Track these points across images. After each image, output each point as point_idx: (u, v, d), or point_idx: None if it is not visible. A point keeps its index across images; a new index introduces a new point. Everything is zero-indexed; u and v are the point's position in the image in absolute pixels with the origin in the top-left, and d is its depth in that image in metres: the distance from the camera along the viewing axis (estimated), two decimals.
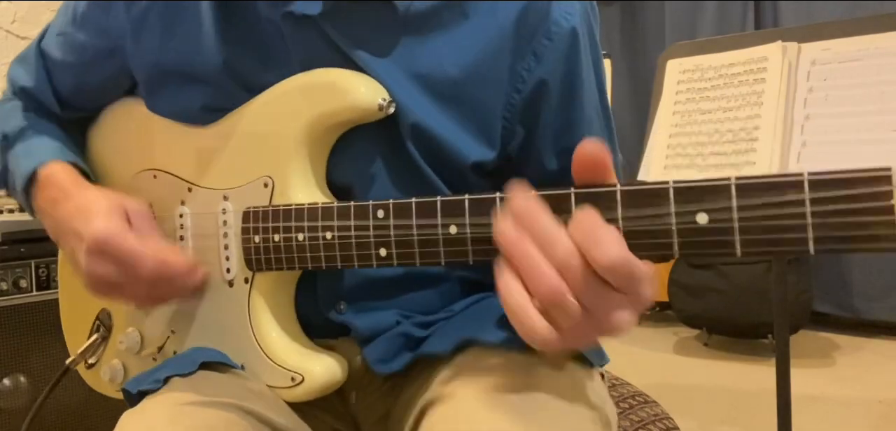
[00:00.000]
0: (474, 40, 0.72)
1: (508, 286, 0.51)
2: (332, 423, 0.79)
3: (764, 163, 1.43)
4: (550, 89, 0.72)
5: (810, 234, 0.47)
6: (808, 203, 0.47)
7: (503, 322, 0.70)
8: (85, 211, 0.73)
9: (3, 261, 1.46)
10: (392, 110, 0.70)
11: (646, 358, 3.10)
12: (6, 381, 1.45)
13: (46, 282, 1.50)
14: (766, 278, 2.83)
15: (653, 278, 0.51)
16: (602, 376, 0.79)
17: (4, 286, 1.45)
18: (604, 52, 0.84)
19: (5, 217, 1.53)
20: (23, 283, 1.47)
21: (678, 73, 1.64)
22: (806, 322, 3.00)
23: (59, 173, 0.80)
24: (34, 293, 1.48)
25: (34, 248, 1.49)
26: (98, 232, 0.70)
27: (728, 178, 0.49)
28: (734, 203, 0.49)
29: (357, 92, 0.70)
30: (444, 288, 0.79)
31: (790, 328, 1.92)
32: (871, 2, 2.51)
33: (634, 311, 0.51)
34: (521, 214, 0.52)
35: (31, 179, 0.81)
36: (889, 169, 0.45)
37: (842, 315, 3.25)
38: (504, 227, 0.52)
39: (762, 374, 2.75)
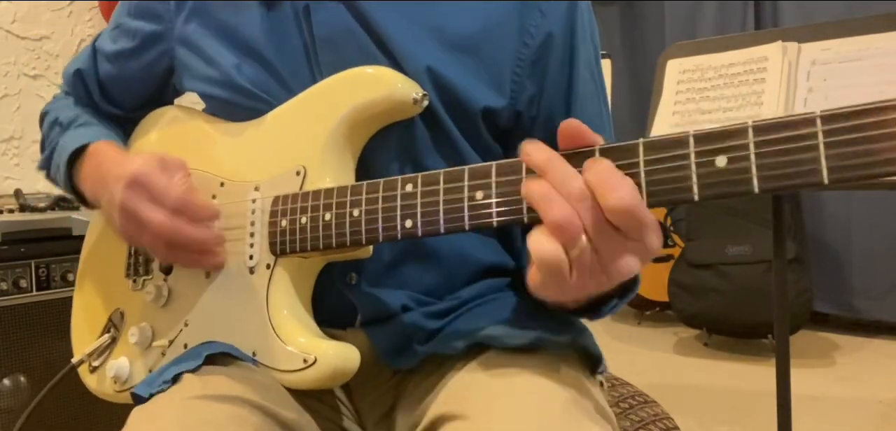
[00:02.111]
0: (485, 2, 0.78)
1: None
2: (340, 422, 0.80)
3: None
4: (555, 44, 0.79)
5: (823, 165, 0.49)
6: (820, 136, 0.49)
7: (515, 323, 0.72)
8: (126, 160, 0.80)
9: (3, 261, 1.45)
10: (426, 103, 0.74)
11: (646, 357, 3.10)
12: (6, 381, 1.44)
13: (46, 282, 1.49)
14: (766, 278, 2.83)
15: (657, 229, 0.55)
16: (601, 384, 0.81)
17: (4, 286, 1.45)
18: (604, 52, 0.89)
19: (5, 217, 1.53)
20: (23, 283, 1.47)
21: (678, 73, 1.64)
22: (806, 322, 2.99)
23: (105, 147, 0.88)
24: (34, 293, 1.48)
25: (34, 248, 1.48)
26: (134, 167, 0.76)
27: (745, 122, 0.52)
28: (752, 144, 0.51)
29: (394, 86, 0.73)
30: (454, 268, 0.80)
31: (790, 328, 1.92)
32: (872, 2, 2.50)
33: (641, 259, 0.55)
34: (541, 163, 0.57)
35: (80, 152, 0.89)
36: (894, 99, 0.47)
37: (842, 315, 3.25)
38: (528, 179, 0.58)
39: (762, 374, 2.75)
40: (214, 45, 0.84)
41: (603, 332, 3.42)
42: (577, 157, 0.57)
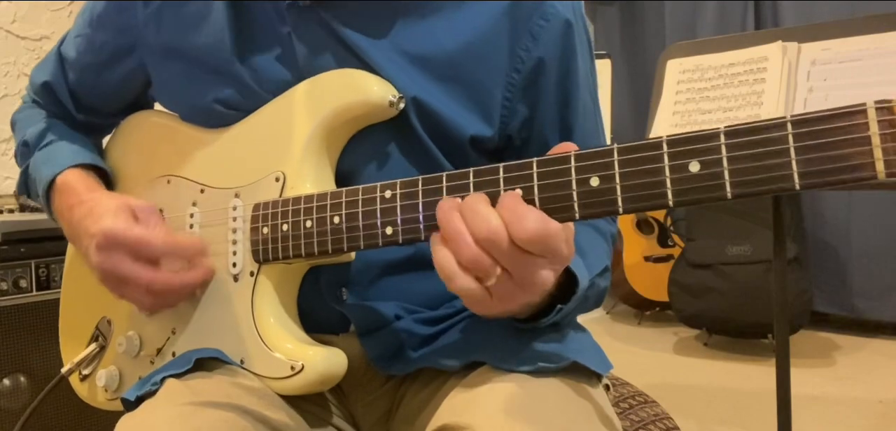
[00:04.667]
0: (469, 23, 0.75)
1: (436, 249, 0.59)
2: (331, 421, 0.79)
3: None
4: (549, 68, 0.76)
5: (795, 169, 0.50)
6: (791, 140, 0.50)
7: (512, 346, 0.71)
8: (95, 211, 0.77)
9: (3, 261, 1.45)
10: (402, 106, 0.73)
11: (646, 357, 3.10)
12: (6, 381, 1.44)
13: (46, 282, 1.49)
14: (766, 278, 2.83)
15: (569, 236, 0.59)
16: (607, 387, 0.79)
17: (4, 286, 1.45)
18: (604, 52, 0.88)
19: (5, 217, 1.53)
20: (23, 283, 1.47)
21: (678, 73, 1.64)
22: (806, 322, 2.99)
23: (74, 181, 0.85)
24: (34, 293, 1.48)
25: (34, 248, 1.48)
26: (105, 227, 0.74)
27: (717, 128, 0.52)
28: (724, 148, 0.52)
29: (369, 89, 0.73)
30: None
31: (790, 328, 1.92)
32: (872, 2, 2.50)
33: (554, 269, 0.60)
34: (452, 215, 0.59)
35: (50, 186, 0.86)
36: (865, 103, 0.48)
37: (842, 315, 3.24)
38: (442, 202, 0.60)
39: (762, 374, 2.75)
40: (189, 75, 0.81)
41: (603, 332, 3.44)
42: (557, 163, 0.58)
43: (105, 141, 0.98)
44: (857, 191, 3.05)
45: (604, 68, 2.91)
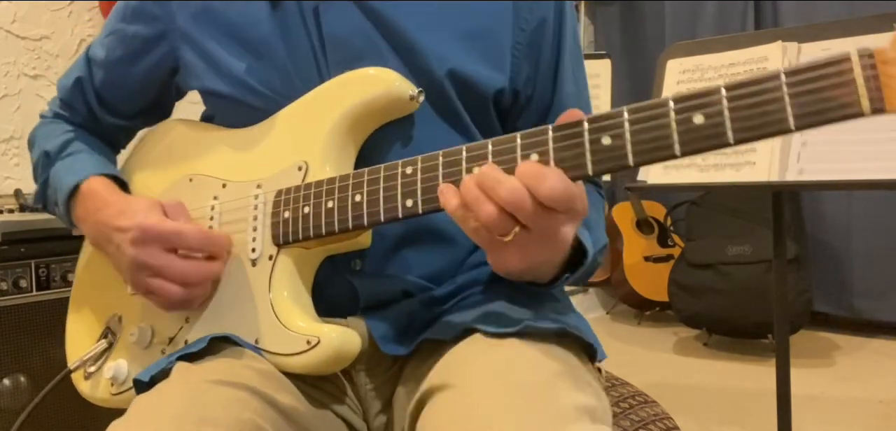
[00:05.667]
0: None
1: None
2: (339, 407, 0.81)
3: (764, 164, 1.43)
4: (548, 26, 0.85)
5: (790, 112, 0.55)
6: (784, 87, 0.55)
7: (503, 313, 0.75)
8: (127, 210, 0.81)
9: (3, 261, 1.45)
10: (422, 99, 0.77)
11: (646, 358, 3.10)
12: (6, 381, 1.44)
13: (46, 282, 1.49)
14: (766, 278, 2.83)
15: (582, 193, 0.64)
16: (599, 371, 0.82)
17: (4, 286, 1.45)
18: (604, 52, 0.98)
19: (5, 217, 1.53)
20: (23, 283, 1.47)
21: (678, 73, 1.64)
22: (806, 322, 2.99)
23: (98, 186, 0.87)
24: (34, 293, 1.48)
25: (34, 248, 1.48)
26: (140, 221, 0.77)
27: (718, 85, 0.58)
28: (724, 99, 0.57)
29: (391, 84, 0.76)
30: (457, 250, 0.83)
31: (790, 328, 1.92)
32: (871, 2, 2.50)
33: (574, 224, 0.65)
34: (472, 186, 0.63)
35: (73, 193, 0.88)
36: (848, 51, 0.54)
37: (842, 315, 3.24)
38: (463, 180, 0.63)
39: (762, 374, 2.75)
40: (221, 45, 0.84)
41: (603, 332, 3.44)
42: (570, 128, 0.63)
43: (120, 161, 1.00)
44: (857, 191, 3.05)
45: (604, 68, 2.91)
